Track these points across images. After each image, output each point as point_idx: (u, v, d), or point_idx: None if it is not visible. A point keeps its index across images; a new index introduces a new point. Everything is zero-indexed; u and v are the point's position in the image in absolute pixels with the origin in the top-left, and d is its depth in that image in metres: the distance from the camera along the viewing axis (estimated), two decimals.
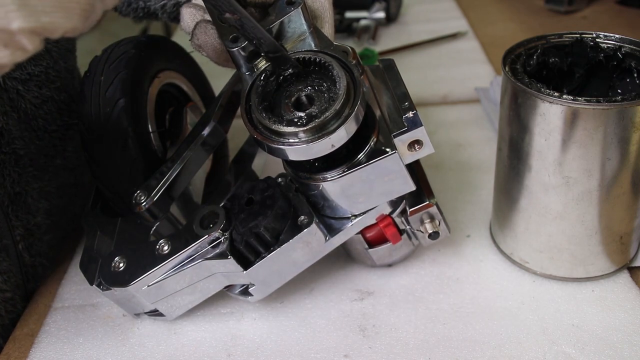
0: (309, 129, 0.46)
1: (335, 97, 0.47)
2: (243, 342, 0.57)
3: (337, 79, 0.47)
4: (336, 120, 0.46)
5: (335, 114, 0.46)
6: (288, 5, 0.53)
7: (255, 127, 0.48)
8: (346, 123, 0.46)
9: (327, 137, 0.46)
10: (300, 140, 0.46)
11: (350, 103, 0.47)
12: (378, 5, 1.21)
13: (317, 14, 0.56)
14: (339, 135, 0.46)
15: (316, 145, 0.46)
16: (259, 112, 0.48)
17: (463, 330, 0.55)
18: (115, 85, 0.57)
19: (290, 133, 0.46)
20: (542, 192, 0.54)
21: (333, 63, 0.48)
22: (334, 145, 0.46)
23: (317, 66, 0.50)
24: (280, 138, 0.47)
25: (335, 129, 0.46)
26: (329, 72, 0.48)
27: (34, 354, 0.58)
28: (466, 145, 0.82)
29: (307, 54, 0.50)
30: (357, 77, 0.48)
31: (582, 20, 1.15)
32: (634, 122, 0.48)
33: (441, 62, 1.06)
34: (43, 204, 0.67)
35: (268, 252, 0.53)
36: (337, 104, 0.46)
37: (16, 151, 0.63)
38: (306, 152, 0.47)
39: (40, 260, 0.67)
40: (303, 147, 0.46)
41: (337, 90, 0.47)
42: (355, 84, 0.48)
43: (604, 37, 0.56)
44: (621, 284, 0.58)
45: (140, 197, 0.55)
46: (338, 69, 0.48)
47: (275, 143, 0.47)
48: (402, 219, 0.56)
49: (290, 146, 0.46)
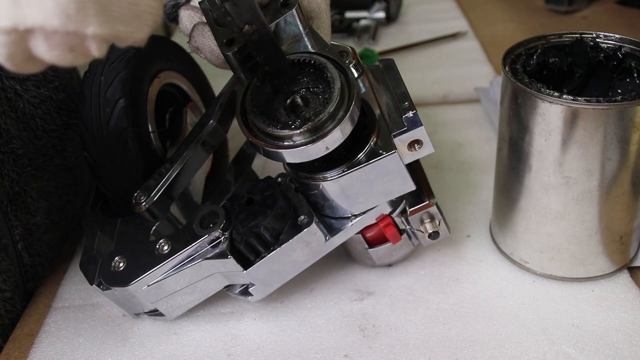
0: (303, 131, 0.46)
1: (330, 99, 0.47)
2: (243, 342, 0.57)
3: (331, 80, 0.47)
4: (330, 122, 0.46)
5: (329, 116, 0.46)
6: (283, 6, 0.53)
7: (251, 130, 0.48)
8: (340, 125, 0.46)
9: (321, 140, 0.46)
10: (295, 143, 0.46)
11: (345, 105, 0.47)
12: (378, 5, 1.21)
13: (312, 15, 0.56)
14: (333, 137, 0.46)
15: (311, 148, 0.46)
16: (253, 115, 0.48)
17: (463, 330, 0.55)
18: (115, 85, 0.57)
19: (285, 136, 0.46)
20: (542, 192, 0.54)
21: (327, 65, 0.48)
22: (329, 148, 0.46)
23: (312, 68, 0.50)
24: (275, 141, 0.47)
25: (329, 131, 0.46)
26: (324, 74, 0.48)
27: (34, 354, 0.58)
28: (466, 145, 0.82)
29: (301, 56, 0.50)
30: (352, 78, 0.48)
31: (582, 20, 1.15)
32: (634, 122, 0.48)
33: (441, 62, 1.06)
34: (42, 203, 0.67)
35: (268, 252, 0.53)
36: (330, 106, 0.46)
37: (15, 151, 0.63)
38: (301, 155, 0.47)
39: (39, 260, 0.67)
40: (298, 150, 0.46)
41: (331, 92, 0.47)
42: (350, 86, 0.48)
43: (604, 37, 0.56)
44: (621, 284, 0.58)
45: (140, 197, 0.55)
46: (332, 70, 0.48)
47: (271, 146, 0.47)
48: (402, 218, 0.56)
49: (285, 149, 0.46)
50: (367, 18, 1.21)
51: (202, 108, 0.72)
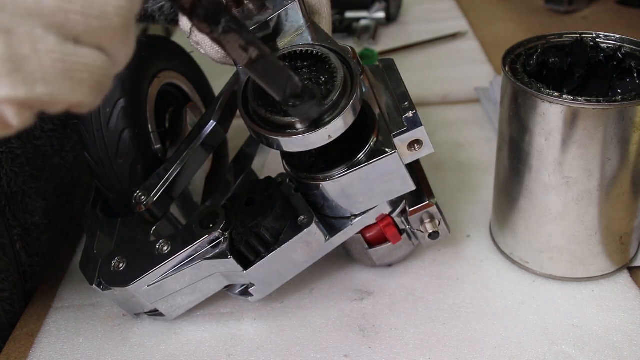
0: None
1: (332, 88, 0.47)
2: (243, 342, 0.57)
3: (334, 70, 0.47)
4: (333, 111, 0.46)
5: (332, 104, 0.46)
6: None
7: (252, 119, 0.48)
8: (343, 113, 0.46)
9: (323, 128, 0.45)
10: (297, 131, 0.46)
11: (348, 94, 0.47)
12: (378, 5, 1.21)
13: (314, 10, 0.56)
14: (336, 125, 0.46)
15: (312, 136, 0.46)
16: (255, 103, 0.48)
17: (463, 330, 0.55)
18: (115, 85, 0.57)
19: (287, 124, 0.46)
20: (542, 192, 0.54)
21: (330, 55, 0.48)
22: (331, 136, 0.46)
23: (315, 58, 0.49)
24: (277, 129, 0.47)
25: (331, 120, 0.46)
26: (326, 65, 0.48)
27: (34, 354, 0.58)
28: (466, 145, 0.82)
29: (304, 47, 0.50)
30: (355, 69, 0.48)
31: (582, 20, 1.15)
32: (634, 122, 0.48)
33: (441, 62, 1.06)
34: (40, 203, 0.67)
35: (268, 252, 0.53)
36: (333, 95, 0.46)
37: (13, 150, 0.63)
38: (303, 143, 0.46)
39: (37, 260, 0.66)
40: (299, 137, 0.46)
41: (334, 82, 0.47)
42: (353, 76, 0.48)
43: (604, 37, 0.56)
44: (621, 284, 0.58)
45: (140, 197, 0.55)
46: (335, 61, 0.48)
47: (272, 134, 0.47)
48: (402, 218, 0.56)
49: (286, 137, 0.46)
50: (367, 18, 1.21)
51: (202, 108, 0.72)
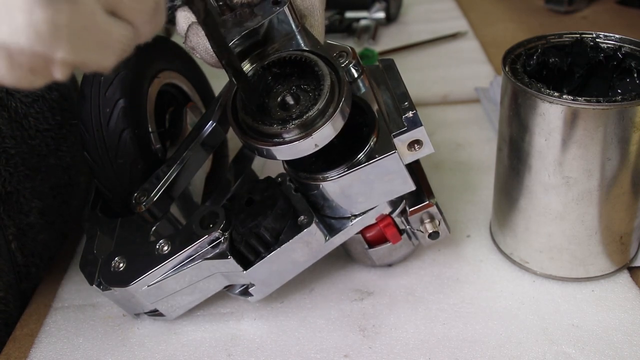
0: (292, 128, 0.46)
1: (320, 95, 0.47)
2: (243, 342, 0.57)
3: (321, 77, 0.48)
4: (320, 118, 0.46)
5: (319, 112, 0.46)
6: (274, 5, 0.53)
7: (241, 129, 0.49)
8: (330, 121, 0.46)
9: (309, 137, 0.46)
10: (285, 140, 0.46)
11: (335, 101, 0.47)
12: (378, 5, 1.21)
13: (306, 13, 0.56)
14: (323, 134, 0.46)
15: (300, 145, 0.46)
16: (244, 113, 0.48)
17: (463, 330, 0.55)
18: (115, 85, 0.57)
19: (275, 133, 0.46)
20: (542, 192, 0.54)
21: (318, 62, 0.49)
22: (318, 145, 0.47)
23: (302, 65, 0.50)
24: (265, 138, 0.47)
25: (318, 128, 0.46)
26: (314, 71, 0.49)
27: (34, 354, 0.58)
28: (466, 145, 0.82)
29: (292, 53, 0.50)
30: (342, 75, 0.48)
31: (582, 20, 1.15)
32: (634, 122, 0.48)
33: (441, 62, 1.06)
34: (36, 203, 0.66)
35: (268, 252, 0.53)
36: (320, 103, 0.46)
37: (7, 150, 0.62)
38: (291, 152, 0.47)
39: (33, 260, 0.66)
40: (287, 146, 0.46)
41: (321, 89, 0.47)
42: (340, 83, 0.48)
43: (604, 37, 0.56)
44: (621, 284, 0.58)
45: (140, 197, 0.55)
46: (323, 67, 0.48)
47: (261, 143, 0.47)
48: (402, 218, 0.56)
49: (275, 146, 0.46)
50: (367, 18, 1.21)
51: (202, 108, 0.72)
